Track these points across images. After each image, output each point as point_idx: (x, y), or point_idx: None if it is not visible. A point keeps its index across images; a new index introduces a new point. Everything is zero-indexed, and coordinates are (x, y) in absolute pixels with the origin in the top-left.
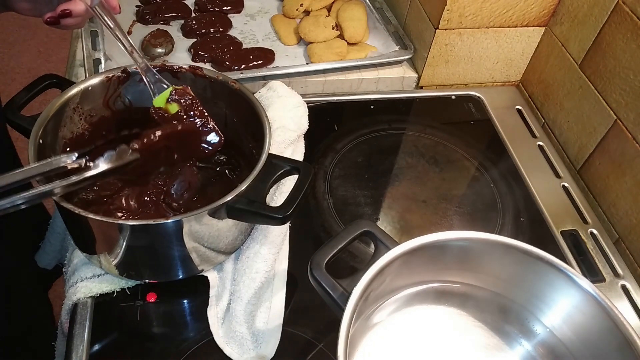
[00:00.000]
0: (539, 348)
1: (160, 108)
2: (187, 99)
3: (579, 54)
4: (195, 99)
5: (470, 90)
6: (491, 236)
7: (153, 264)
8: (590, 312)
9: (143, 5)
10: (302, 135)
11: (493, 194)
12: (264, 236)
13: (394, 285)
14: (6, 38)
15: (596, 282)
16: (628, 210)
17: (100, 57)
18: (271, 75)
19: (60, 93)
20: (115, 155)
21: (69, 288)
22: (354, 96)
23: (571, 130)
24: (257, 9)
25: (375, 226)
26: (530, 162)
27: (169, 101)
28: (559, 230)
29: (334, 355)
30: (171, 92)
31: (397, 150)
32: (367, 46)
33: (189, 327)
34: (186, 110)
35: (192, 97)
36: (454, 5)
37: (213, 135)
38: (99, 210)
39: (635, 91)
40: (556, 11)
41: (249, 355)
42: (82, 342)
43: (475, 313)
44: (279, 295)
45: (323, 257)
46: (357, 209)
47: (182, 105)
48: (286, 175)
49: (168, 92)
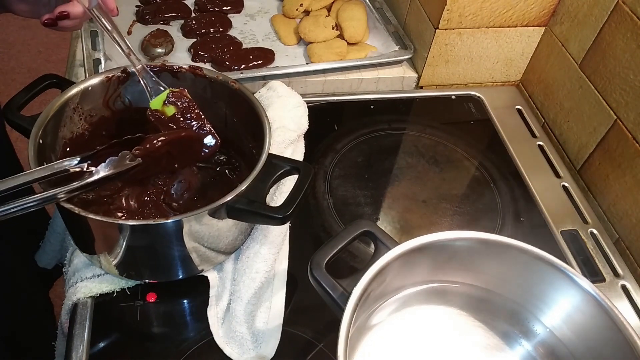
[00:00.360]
0: (539, 348)
1: (157, 110)
2: (184, 101)
3: (579, 54)
4: (192, 101)
5: (470, 90)
6: (491, 236)
7: (153, 264)
8: (590, 312)
9: (143, 5)
10: (302, 135)
11: (493, 194)
12: (264, 236)
13: (394, 285)
14: (6, 38)
15: (596, 282)
16: (628, 210)
17: (100, 57)
18: (271, 75)
19: (60, 93)
20: (117, 161)
21: (69, 288)
22: (354, 96)
23: (571, 130)
24: (257, 9)
25: (375, 226)
26: (530, 162)
27: (165, 103)
28: (559, 230)
29: (334, 355)
30: (168, 94)
31: (397, 150)
32: (367, 46)
33: (189, 327)
34: (183, 113)
35: (189, 100)
36: (454, 5)
37: (209, 138)
38: (99, 210)
39: (635, 91)
40: (556, 11)
41: (249, 355)
42: (82, 342)
43: (475, 313)
44: (279, 295)
45: (323, 257)
46: (357, 209)
47: (179, 108)
48: (286, 175)
49: (165, 94)
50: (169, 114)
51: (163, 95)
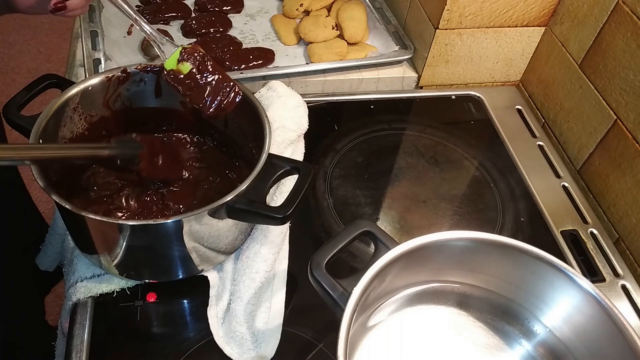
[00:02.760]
0: (539, 348)
1: (173, 70)
2: (198, 55)
3: (579, 54)
4: (205, 55)
5: (470, 90)
6: (491, 236)
7: (153, 264)
8: (590, 312)
9: (143, 5)
10: (302, 135)
11: (493, 194)
12: (264, 236)
13: (394, 285)
14: (6, 38)
15: (596, 282)
16: (628, 210)
17: (100, 57)
18: (271, 75)
19: (60, 93)
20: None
21: (69, 288)
22: (354, 96)
23: (571, 130)
24: (257, 9)
25: (375, 226)
26: (530, 162)
27: (179, 62)
28: (559, 230)
29: (334, 355)
30: (181, 51)
31: (397, 150)
32: (367, 46)
33: (189, 327)
34: (199, 68)
35: (203, 54)
36: (454, 5)
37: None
38: (99, 210)
39: (635, 91)
40: (556, 11)
41: (249, 355)
42: (82, 342)
43: (475, 313)
44: (279, 295)
45: (323, 257)
46: (357, 209)
47: (194, 64)
48: (286, 175)
49: (178, 52)
50: (185, 72)
51: (176, 53)
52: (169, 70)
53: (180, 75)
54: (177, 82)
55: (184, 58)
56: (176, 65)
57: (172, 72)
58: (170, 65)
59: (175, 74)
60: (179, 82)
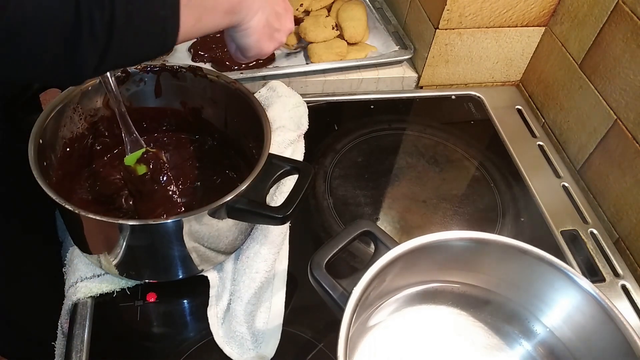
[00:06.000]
0: (539, 348)
1: (129, 167)
2: (158, 163)
3: (579, 54)
4: (165, 164)
5: (470, 90)
6: (491, 236)
7: (153, 264)
8: (590, 312)
9: None
10: (302, 135)
11: (493, 194)
12: (264, 236)
13: (394, 286)
14: None
15: (596, 282)
16: (628, 210)
17: None
18: (271, 75)
19: (60, 93)
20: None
21: (69, 288)
22: (354, 96)
23: (571, 130)
24: None
25: (375, 226)
26: (530, 162)
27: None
28: (559, 230)
29: (334, 355)
30: (143, 153)
31: (397, 150)
32: (367, 46)
33: (189, 327)
34: (153, 174)
35: (163, 162)
36: (454, 5)
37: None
38: (99, 210)
39: (635, 91)
40: (556, 11)
41: (249, 355)
42: (82, 342)
43: (475, 313)
44: (279, 295)
45: (323, 257)
46: (357, 209)
47: (150, 169)
48: (286, 175)
49: (140, 152)
50: (140, 173)
51: (138, 153)
52: (126, 166)
53: (132, 174)
54: (128, 179)
55: (143, 160)
56: (134, 164)
57: (128, 169)
58: (129, 161)
59: (130, 171)
60: (129, 180)
